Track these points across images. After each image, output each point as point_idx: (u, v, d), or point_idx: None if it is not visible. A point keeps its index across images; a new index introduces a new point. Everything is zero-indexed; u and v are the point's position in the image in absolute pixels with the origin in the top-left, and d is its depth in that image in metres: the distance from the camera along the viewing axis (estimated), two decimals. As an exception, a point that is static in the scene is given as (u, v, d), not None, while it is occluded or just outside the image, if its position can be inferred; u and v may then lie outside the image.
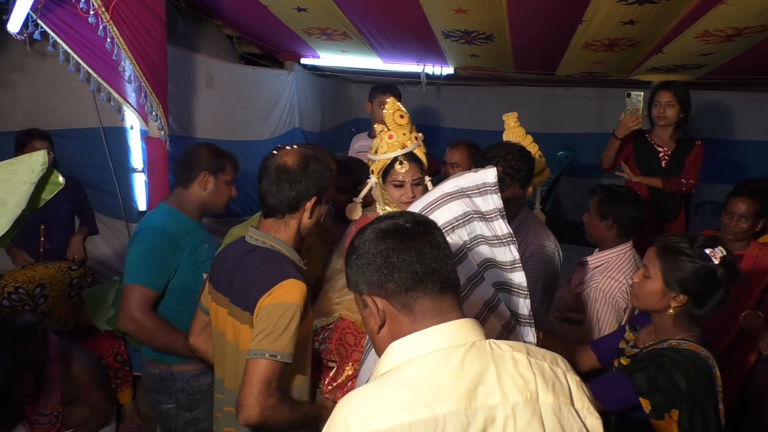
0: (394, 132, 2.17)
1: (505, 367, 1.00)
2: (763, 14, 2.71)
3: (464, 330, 1.04)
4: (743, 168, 4.86)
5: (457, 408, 0.95)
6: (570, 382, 1.04)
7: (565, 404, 1.01)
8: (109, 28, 2.23)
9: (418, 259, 1.05)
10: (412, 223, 1.09)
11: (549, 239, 2.27)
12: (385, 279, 1.06)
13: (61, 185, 1.34)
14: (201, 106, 3.61)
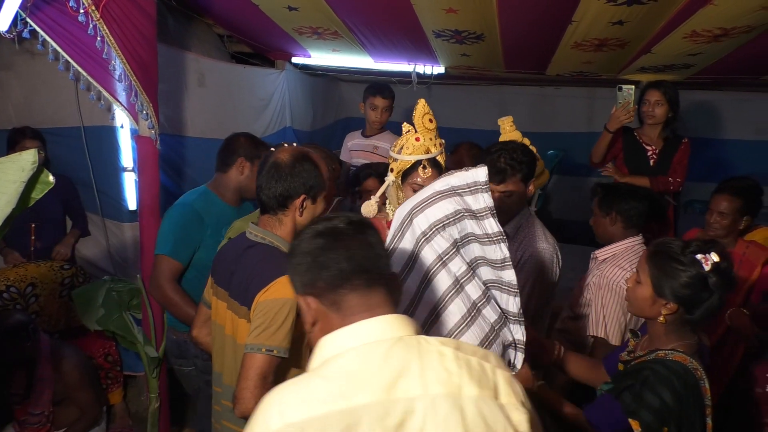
0: (421, 135, 2.14)
1: (429, 361, 1.02)
2: (749, 15, 2.74)
3: (392, 324, 1.06)
4: (731, 167, 4.91)
5: (375, 399, 0.97)
6: (498, 377, 1.04)
7: (490, 398, 1.01)
8: (99, 26, 2.22)
9: (346, 257, 1.08)
10: (346, 224, 1.13)
11: (547, 241, 2.23)
12: (314, 278, 1.09)
13: (51, 184, 1.34)
14: (192, 105, 3.60)
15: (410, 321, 1.09)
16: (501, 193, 2.20)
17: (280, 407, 0.99)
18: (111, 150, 3.41)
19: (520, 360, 1.52)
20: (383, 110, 3.73)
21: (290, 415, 0.97)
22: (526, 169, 2.21)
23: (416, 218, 1.44)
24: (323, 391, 0.98)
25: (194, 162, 3.72)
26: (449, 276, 1.41)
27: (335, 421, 0.95)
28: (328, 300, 1.09)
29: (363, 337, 1.05)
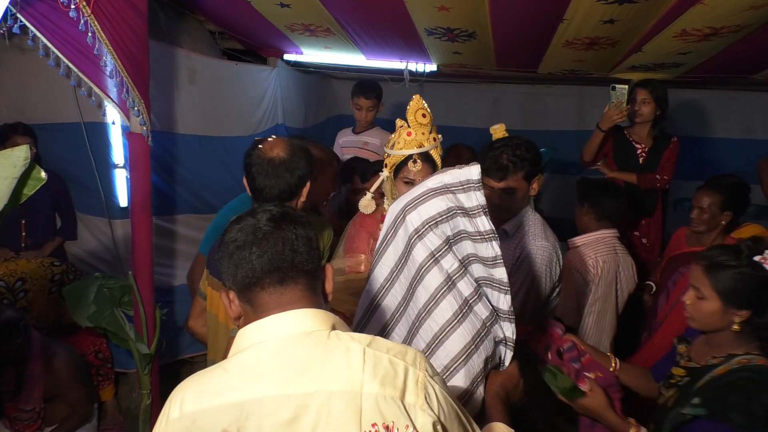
0: (413, 129, 2.16)
1: (333, 357, 1.01)
2: (738, 14, 2.76)
3: (303, 319, 1.06)
4: (720, 165, 4.94)
5: (268, 394, 0.97)
6: (410, 376, 1.02)
7: (393, 396, 0.98)
8: (90, 22, 2.21)
9: (257, 256, 1.07)
10: (266, 220, 1.11)
11: (547, 239, 2.16)
12: (232, 274, 1.10)
13: (44, 180, 1.33)
14: (183, 102, 3.59)
15: (326, 315, 1.09)
16: (502, 190, 2.16)
17: (182, 397, 1.02)
18: (102, 146, 3.40)
19: (508, 357, 1.53)
20: (367, 109, 3.76)
21: (187, 405, 1.00)
22: (528, 167, 2.15)
23: (409, 215, 1.45)
24: (220, 383, 1.00)
25: (185, 159, 3.71)
26: (441, 273, 1.42)
27: (226, 414, 0.97)
28: (244, 297, 1.10)
29: (271, 331, 1.05)
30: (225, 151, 4.05)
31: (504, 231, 2.17)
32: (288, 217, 1.14)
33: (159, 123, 3.31)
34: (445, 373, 1.40)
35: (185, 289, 3.75)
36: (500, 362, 1.54)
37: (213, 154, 3.96)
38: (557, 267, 2.16)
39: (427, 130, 2.19)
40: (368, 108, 3.75)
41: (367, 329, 1.55)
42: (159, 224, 3.48)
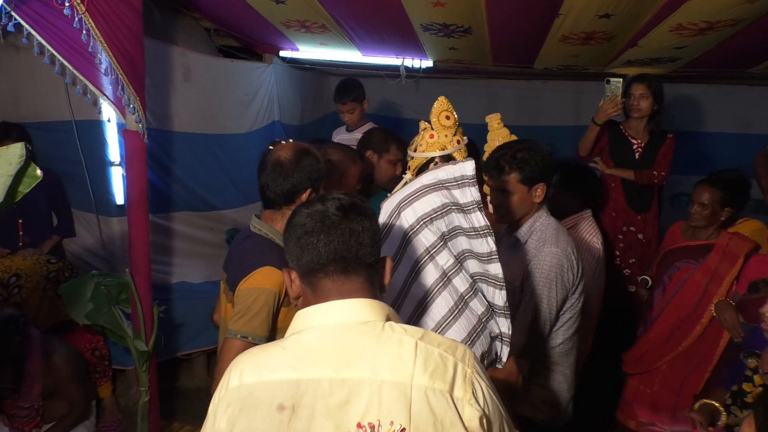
0: (436, 132, 2.14)
1: (386, 347, 1.04)
2: (734, 8, 2.77)
3: (360, 308, 1.09)
4: (716, 160, 4.96)
5: (323, 376, 1.02)
6: (458, 371, 1.04)
7: (442, 390, 1.01)
8: (85, 19, 2.20)
9: (325, 243, 1.10)
10: (335, 208, 1.13)
11: (557, 245, 2.08)
12: (297, 257, 1.14)
13: (39, 178, 1.33)
14: (178, 99, 3.58)
15: (382, 307, 1.11)
16: (495, 188, 2.15)
17: (242, 368, 1.07)
18: (98, 144, 3.40)
19: (506, 353, 1.54)
20: (348, 112, 3.78)
21: (246, 376, 1.05)
22: (528, 170, 2.08)
23: (404, 212, 1.45)
24: (278, 359, 1.05)
25: (181, 157, 3.71)
26: (437, 269, 1.42)
27: (283, 390, 1.02)
28: (306, 281, 1.14)
29: (330, 317, 1.09)
30: (221, 148, 4.04)
31: (516, 239, 2.16)
32: (356, 208, 1.16)
33: (155, 120, 3.30)
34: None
35: (182, 287, 3.76)
36: (497, 358, 1.55)
37: (209, 152, 3.95)
38: (570, 273, 2.08)
39: (450, 133, 2.15)
40: (348, 111, 3.77)
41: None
42: (155, 221, 3.47)
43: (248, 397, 1.04)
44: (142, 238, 2.77)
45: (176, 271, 3.81)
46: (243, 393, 1.05)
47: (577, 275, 2.11)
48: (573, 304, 2.15)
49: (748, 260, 2.64)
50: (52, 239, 3.50)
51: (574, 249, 2.12)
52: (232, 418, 1.04)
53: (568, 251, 2.08)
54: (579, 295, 2.16)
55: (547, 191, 2.14)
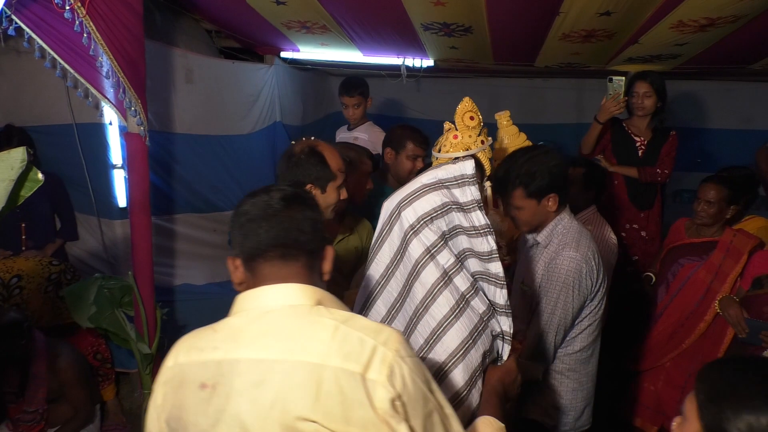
0: (460, 133, 2.13)
1: (307, 329, 1.09)
2: (735, 5, 2.76)
3: (291, 293, 1.14)
4: (718, 156, 4.94)
5: (242, 356, 1.07)
6: (376, 354, 1.06)
7: (353, 371, 1.04)
8: (86, 23, 2.20)
9: (266, 230, 1.16)
10: (279, 198, 1.19)
11: (577, 250, 1.99)
12: (240, 243, 1.19)
13: (41, 182, 1.34)
14: (180, 101, 3.58)
15: (314, 291, 1.16)
16: (505, 204, 2.09)
17: (178, 349, 1.16)
18: (100, 147, 3.40)
19: (506, 351, 1.54)
20: (353, 107, 3.77)
21: (180, 356, 1.14)
22: (533, 185, 1.99)
23: (404, 211, 1.45)
24: (207, 341, 1.12)
25: (183, 158, 3.71)
26: (438, 268, 1.42)
27: (207, 369, 1.09)
28: (247, 266, 1.19)
29: (262, 300, 1.14)
30: (223, 149, 4.05)
31: (536, 242, 2.12)
32: (299, 198, 1.21)
33: (157, 122, 3.31)
34: (444, 368, 1.40)
35: (186, 289, 3.77)
36: (498, 356, 1.55)
37: (211, 153, 3.96)
38: (588, 279, 2.00)
39: (474, 133, 2.13)
40: (354, 105, 3.77)
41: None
42: (158, 224, 3.48)
43: (179, 376, 1.12)
44: (145, 241, 2.77)
45: (179, 273, 3.81)
46: (176, 372, 1.13)
47: (596, 281, 2.03)
48: (592, 312, 2.08)
49: (752, 257, 2.63)
50: (55, 243, 3.50)
51: (596, 254, 2.04)
52: (166, 395, 1.13)
53: (588, 256, 1.99)
54: (599, 303, 2.08)
55: (561, 199, 2.04)
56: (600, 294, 2.07)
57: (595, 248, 2.04)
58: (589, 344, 2.11)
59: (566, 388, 2.12)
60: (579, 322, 2.07)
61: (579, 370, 2.12)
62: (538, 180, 1.98)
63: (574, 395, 2.13)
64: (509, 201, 2.06)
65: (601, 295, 2.08)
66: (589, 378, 2.16)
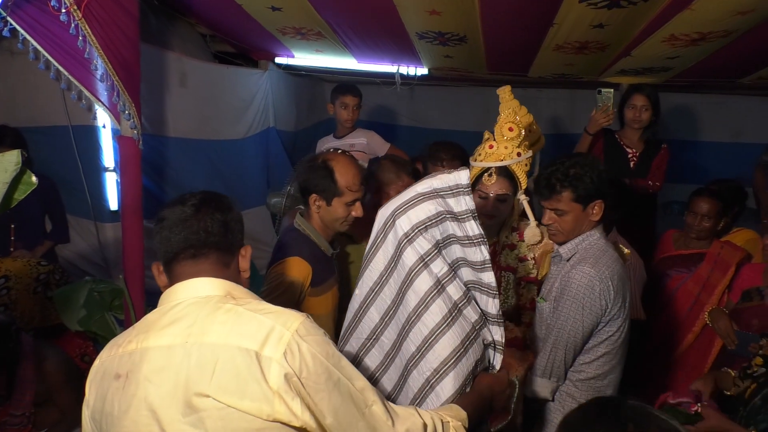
0: (497, 143, 2.11)
1: (210, 315, 1.15)
2: (725, 20, 2.80)
3: (204, 286, 1.22)
4: (709, 168, 4.99)
5: (151, 345, 1.15)
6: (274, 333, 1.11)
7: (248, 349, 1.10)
8: (81, 26, 2.20)
9: (176, 234, 1.24)
10: (190, 204, 1.27)
11: (595, 267, 1.90)
12: (159, 249, 1.28)
13: (34, 185, 1.34)
14: (174, 105, 3.58)
15: (224, 284, 1.23)
16: (548, 209, 2.00)
17: (104, 349, 1.24)
18: (92, 150, 3.39)
19: (498, 361, 1.54)
20: (354, 108, 3.76)
21: (104, 353, 1.23)
22: (582, 188, 1.91)
23: (399, 219, 1.45)
24: (125, 336, 1.21)
25: (175, 163, 3.71)
26: (431, 277, 1.43)
27: (122, 361, 1.17)
28: (166, 269, 1.27)
29: (175, 294, 1.22)
30: (216, 154, 4.05)
31: (558, 254, 2.06)
32: (209, 202, 1.29)
33: (150, 126, 3.30)
34: (435, 375, 1.41)
35: (176, 293, 3.75)
36: (489, 365, 1.55)
37: (204, 157, 3.95)
38: (602, 299, 1.88)
39: (512, 144, 2.11)
40: (354, 106, 3.76)
41: (356, 333, 1.55)
42: (149, 227, 3.45)
43: (100, 370, 1.22)
44: (136, 244, 2.76)
45: (170, 277, 3.80)
46: (99, 368, 1.23)
47: (612, 303, 1.90)
48: (609, 338, 1.96)
49: (741, 269, 2.65)
50: (45, 245, 3.48)
51: (617, 277, 1.91)
52: (91, 389, 1.23)
53: (606, 276, 1.88)
54: (618, 331, 1.96)
55: (606, 208, 1.97)
56: (619, 321, 1.95)
57: (618, 271, 1.93)
58: (605, 372, 2.00)
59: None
60: (594, 347, 1.97)
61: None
62: (586, 183, 1.91)
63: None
64: (554, 205, 1.96)
65: (620, 323, 1.96)
66: None
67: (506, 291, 2.28)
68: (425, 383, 1.42)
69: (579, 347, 1.96)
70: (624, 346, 2.03)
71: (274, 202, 3.99)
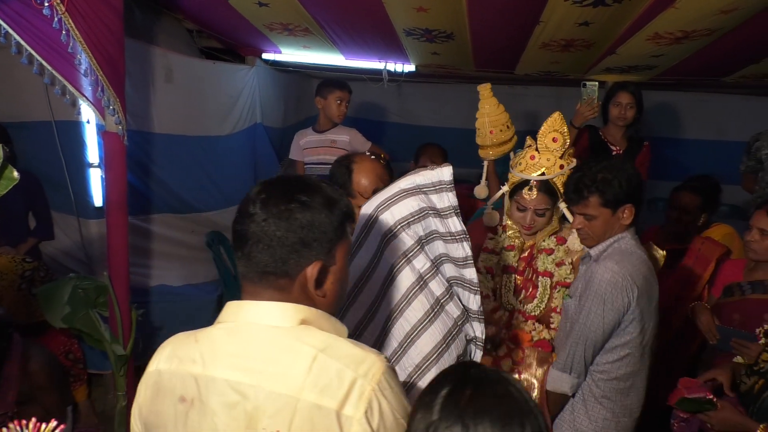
0: (540, 153, 2.07)
1: (284, 356, 1.04)
2: (709, 18, 2.82)
3: (276, 312, 1.08)
4: (693, 165, 5.03)
5: (220, 376, 1.06)
6: (355, 389, 1.02)
7: (329, 407, 1.00)
8: (65, 20, 2.18)
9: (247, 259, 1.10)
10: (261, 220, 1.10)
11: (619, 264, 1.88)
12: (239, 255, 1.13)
13: (16, 180, 1.32)
14: (159, 101, 3.55)
15: (296, 310, 1.09)
16: (581, 215, 1.96)
17: (160, 354, 1.14)
18: (77, 145, 3.36)
19: (478, 357, 1.56)
20: (345, 102, 3.77)
21: (162, 362, 1.13)
22: (610, 192, 1.88)
23: (382, 215, 1.46)
24: (188, 352, 1.10)
25: (161, 159, 3.68)
26: (413, 273, 1.44)
27: (185, 382, 1.08)
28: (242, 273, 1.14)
29: (244, 316, 1.10)
30: (202, 150, 4.02)
31: (588, 255, 2.04)
32: (281, 211, 1.11)
33: (135, 121, 3.27)
34: (417, 371, 1.42)
35: (162, 290, 3.73)
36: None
37: (190, 154, 3.93)
38: (625, 296, 1.85)
39: (555, 156, 2.06)
40: (347, 102, 3.77)
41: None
42: (134, 224, 3.44)
43: (159, 383, 1.11)
44: (121, 241, 2.74)
45: (155, 273, 3.78)
46: (156, 378, 1.12)
47: (635, 302, 1.87)
48: (632, 340, 1.93)
49: (722, 264, 2.69)
50: (29, 241, 3.45)
51: (643, 278, 1.89)
52: (146, 399, 1.14)
53: (631, 274, 1.86)
54: (641, 332, 1.93)
55: (637, 211, 1.93)
56: (642, 323, 1.92)
57: (644, 272, 1.91)
58: (629, 374, 1.98)
59: (597, 415, 2.00)
60: (617, 347, 1.95)
61: (615, 400, 1.98)
62: (615, 188, 1.88)
63: (605, 425, 1.99)
64: (582, 210, 1.94)
65: (643, 325, 1.93)
66: (626, 412, 2.01)
67: (542, 296, 2.21)
68: (407, 379, 1.43)
69: (599, 344, 1.94)
70: (649, 351, 2.00)
71: (260, 198, 3.98)
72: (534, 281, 2.22)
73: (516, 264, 2.24)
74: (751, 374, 1.95)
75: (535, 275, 2.23)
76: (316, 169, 3.79)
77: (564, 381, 1.97)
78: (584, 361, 1.95)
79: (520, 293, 2.23)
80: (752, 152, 3.74)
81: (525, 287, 2.23)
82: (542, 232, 2.24)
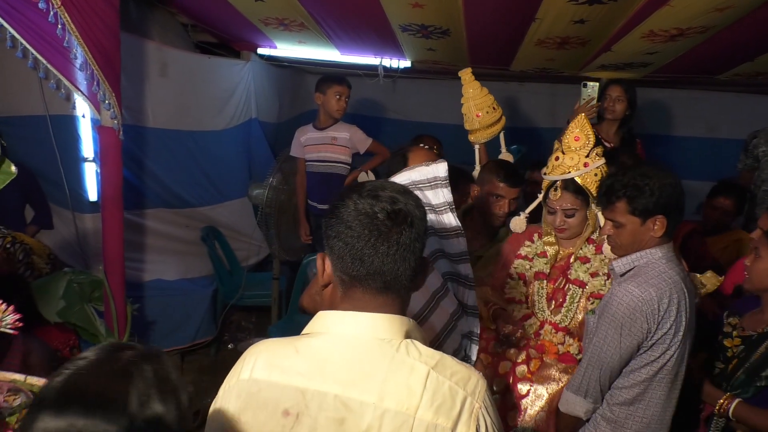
0: (564, 154, 2.06)
1: (397, 373, 1.03)
2: (703, 16, 2.84)
3: (383, 325, 1.06)
4: (685, 163, 5.07)
5: (329, 390, 1.02)
6: (466, 407, 1.03)
7: (444, 427, 1.00)
8: (60, 14, 2.17)
9: (370, 254, 1.05)
10: (386, 214, 1.06)
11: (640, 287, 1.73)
12: (340, 255, 1.08)
13: (14, 175, 1.33)
14: (154, 95, 3.55)
15: (402, 323, 1.08)
16: (610, 221, 1.86)
17: (254, 361, 1.07)
18: (71, 140, 3.35)
19: (474, 351, 1.57)
20: (345, 98, 3.77)
21: (258, 371, 1.06)
22: (641, 200, 1.75)
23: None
24: (290, 363, 1.05)
25: (155, 153, 3.68)
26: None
27: (290, 396, 1.03)
28: (341, 279, 1.10)
29: (347, 327, 1.07)
30: (197, 145, 4.02)
31: (612, 268, 1.93)
32: (407, 216, 1.09)
33: (129, 116, 3.27)
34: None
35: (157, 284, 3.74)
36: (465, 356, 1.58)
37: (185, 148, 3.93)
38: (644, 322, 1.71)
39: (580, 155, 2.04)
40: (346, 97, 3.77)
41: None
42: (129, 218, 3.44)
43: (257, 394, 1.05)
44: (116, 235, 2.75)
45: (150, 268, 3.78)
46: (252, 388, 1.06)
47: (658, 327, 1.73)
48: (651, 363, 1.78)
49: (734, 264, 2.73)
50: (29, 229, 3.44)
51: (668, 300, 1.72)
52: (240, 408, 1.06)
53: (652, 298, 1.70)
54: (661, 355, 1.77)
55: (669, 225, 1.78)
56: (664, 347, 1.76)
57: (672, 296, 1.73)
58: (647, 401, 1.83)
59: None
60: (634, 371, 1.81)
61: (626, 426, 1.84)
62: (646, 195, 1.75)
63: None
64: (610, 216, 1.84)
65: (665, 349, 1.76)
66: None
67: (569, 306, 2.12)
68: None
69: (616, 370, 1.82)
70: (673, 376, 1.82)
71: (255, 193, 3.98)
72: (565, 290, 2.15)
73: (548, 271, 2.19)
74: (725, 361, 1.98)
75: (567, 283, 2.16)
76: (317, 167, 3.80)
77: (578, 405, 1.86)
78: (599, 386, 1.84)
79: (551, 302, 2.17)
80: (750, 150, 3.78)
81: (555, 297, 2.16)
82: (580, 239, 2.17)
